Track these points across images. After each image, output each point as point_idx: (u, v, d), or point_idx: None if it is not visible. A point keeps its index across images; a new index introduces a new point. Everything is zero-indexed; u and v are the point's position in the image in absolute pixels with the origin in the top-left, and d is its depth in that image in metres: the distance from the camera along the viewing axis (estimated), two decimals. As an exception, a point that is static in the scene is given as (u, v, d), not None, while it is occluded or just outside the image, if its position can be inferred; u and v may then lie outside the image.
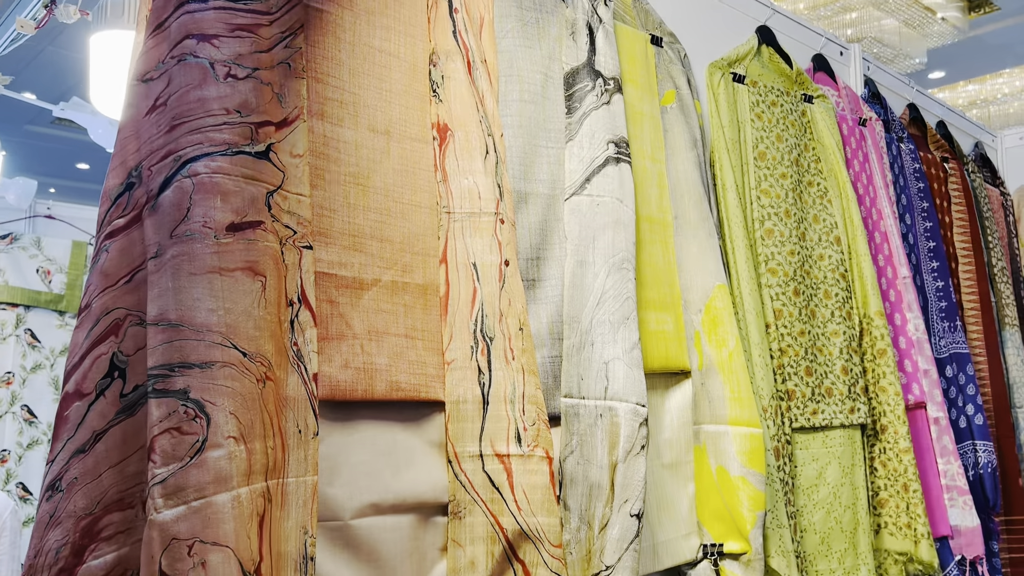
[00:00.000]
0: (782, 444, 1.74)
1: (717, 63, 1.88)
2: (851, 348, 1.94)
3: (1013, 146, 2.98)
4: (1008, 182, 2.88)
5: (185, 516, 0.83)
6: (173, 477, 0.85)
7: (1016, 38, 7.09)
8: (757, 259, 1.85)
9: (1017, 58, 7.54)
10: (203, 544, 0.84)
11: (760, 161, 1.90)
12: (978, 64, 7.63)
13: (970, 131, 2.84)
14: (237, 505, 0.90)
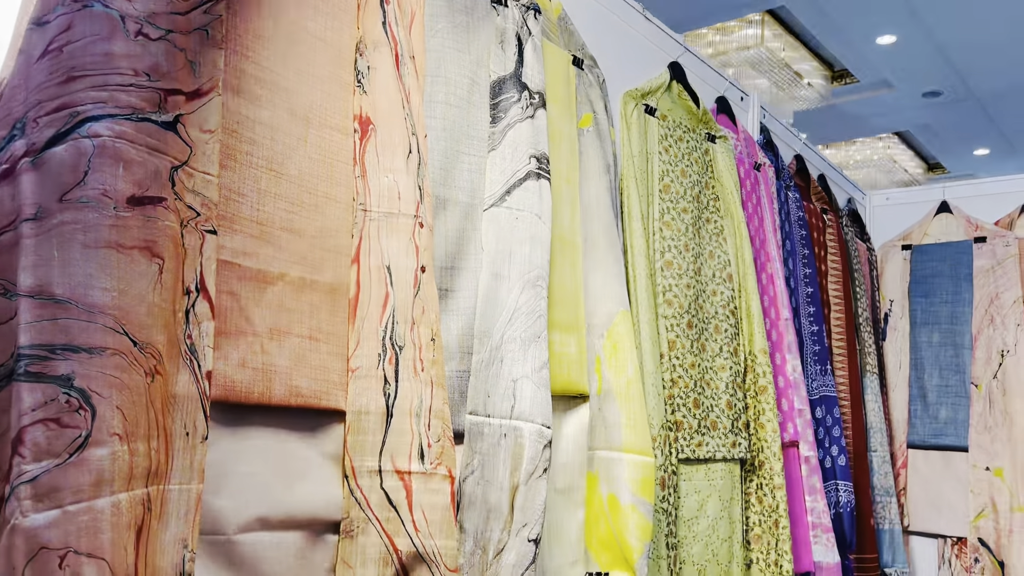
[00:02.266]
0: (668, 475, 1.75)
1: (632, 93, 1.90)
2: (736, 383, 1.98)
3: (879, 205, 3.19)
4: (874, 239, 3.08)
5: (58, 522, 0.71)
6: (47, 475, 0.73)
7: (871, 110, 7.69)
8: (656, 289, 1.86)
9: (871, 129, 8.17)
10: (77, 555, 0.72)
11: (665, 193, 1.92)
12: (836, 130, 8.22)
13: (845, 187, 3.02)
14: (116, 513, 0.79)
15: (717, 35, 6.71)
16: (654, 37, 2.05)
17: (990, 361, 2.70)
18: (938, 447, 2.77)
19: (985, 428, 2.67)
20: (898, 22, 6.10)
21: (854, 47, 6.56)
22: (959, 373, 2.77)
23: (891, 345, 2.94)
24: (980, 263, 2.79)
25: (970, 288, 2.80)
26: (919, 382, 2.84)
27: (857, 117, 7.84)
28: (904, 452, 2.83)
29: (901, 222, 3.06)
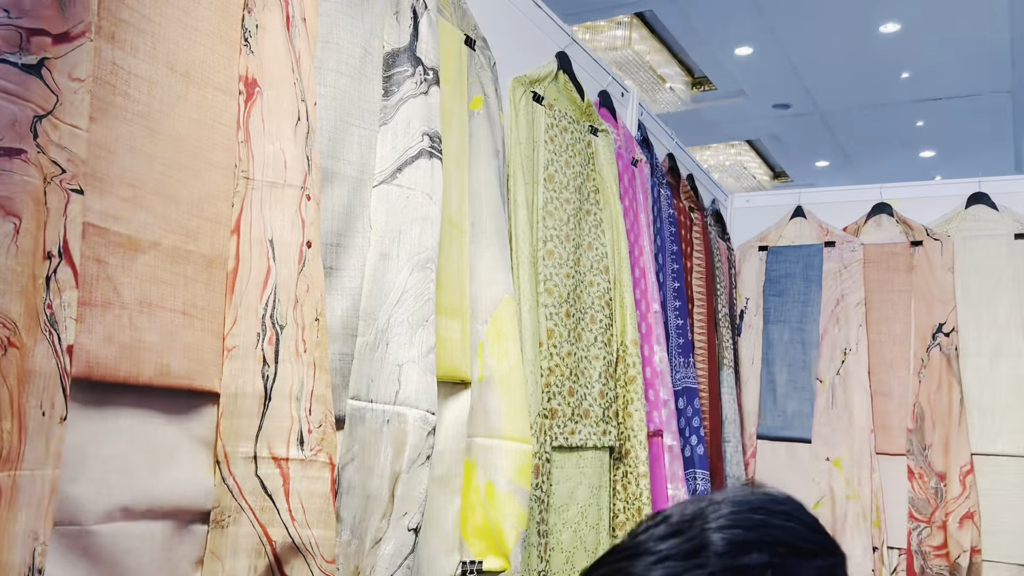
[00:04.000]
0: (542, 462, 1.76)
1: (521, 79, 1.88)
2: (608, 373, 2.02)
3: (740, 207, 3.35)
4: (733, 239, 3.23)
5: None
6: None
7: (726, 117, 8.08)
8: (537, 277, 1.86)
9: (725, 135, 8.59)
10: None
11: (549, 183, 1.92)
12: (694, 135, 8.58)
13: (711, 188, 3.15)
14: (-40, 504, 0.69)
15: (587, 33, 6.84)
16: (543, 25, 2.05)
17: (834, 358, 2.90)
18: (784, 438, 2.94)
19: (827, 421, 2.86)
20: (755, 36, 6.43)
21: (714, 56, 6.87)
22: (806, 369, 2.95)
23: (745, 341, 3.09)
24: (828, 266, 2.98)
25: (819, 289, 2.99)
26: (770, 377, 3.01)
27: (713, 123, 8.23)
28: (754, 443, 2.99)
29: (759, 224, 3.23)
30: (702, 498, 0.72)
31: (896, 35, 6.20)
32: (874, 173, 8.84)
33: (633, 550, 0.68)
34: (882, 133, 7.96)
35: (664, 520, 0.70)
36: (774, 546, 0.66)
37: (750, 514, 0.68)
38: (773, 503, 0.71)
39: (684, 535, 0.67)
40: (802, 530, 0.70)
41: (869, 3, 5.77)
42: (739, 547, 0.65)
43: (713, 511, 0.68)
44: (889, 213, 2.97)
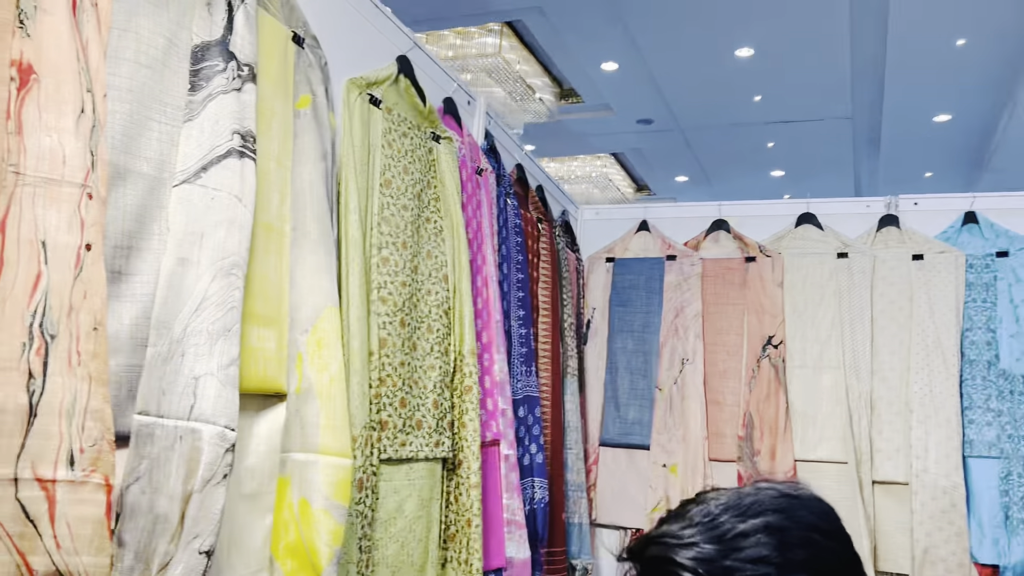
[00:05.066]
0: (367, 476, 1.71)
1: (356, 81, 1.83)
2: (444, 383, 1.99)
3: (589, 219, 3.41)
4: (582, 249, 3.28)
5: None
6: None
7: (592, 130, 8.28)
8: (370, 285, 1.81)
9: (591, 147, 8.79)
10: None
11: (385, 188, 1.88)
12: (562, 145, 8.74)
13: (560, 200, 3.18)
14: None
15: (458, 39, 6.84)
16: (384, 28, 2.00)
17: (672, 368, 2.99)
18: (625, 445, 3.01)
19: (665, 428, 2.94)
20: (620, 52, 6.61)
21: (581, 69, 7.02)
22: (647, 378, 3.03)
23: (591, 350, 3.15)
24: (670, 279, 3.08)
25: (660, 301, 3.07)
26: (613, 385, 3.07)
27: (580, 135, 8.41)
28: (596, 450, 3.04)
29: (608, 236, 3.30)
30: (758, 500, 0.79)
31: (750, 59, 6.53)
32: (729, 189, 9.28)
33: (678, 540, 0.76)
34: (736, 152, 8.36)
35: (718, 514, 0.77)
36: (817, 567, 0.75)
37: (806, 532, 0.76)
38: (824, 522, 0.79)
39: (745, 538, 0.75)
40: (843, 552, 0.79)
41: (726, 27, 6.05)
42: (793, 566, 0.73)
43: (774, 521, 0.76)
44: (726, 230, 3.10)
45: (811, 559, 0.75)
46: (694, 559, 0.74)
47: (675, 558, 0.74)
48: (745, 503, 0.78)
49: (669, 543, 0.76)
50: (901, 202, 2.95)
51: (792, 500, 0.79)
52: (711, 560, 0.73)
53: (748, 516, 0.76)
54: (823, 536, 0.78)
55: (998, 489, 2.58)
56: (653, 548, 0.77)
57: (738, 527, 0.75)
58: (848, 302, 2.82)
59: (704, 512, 0.78)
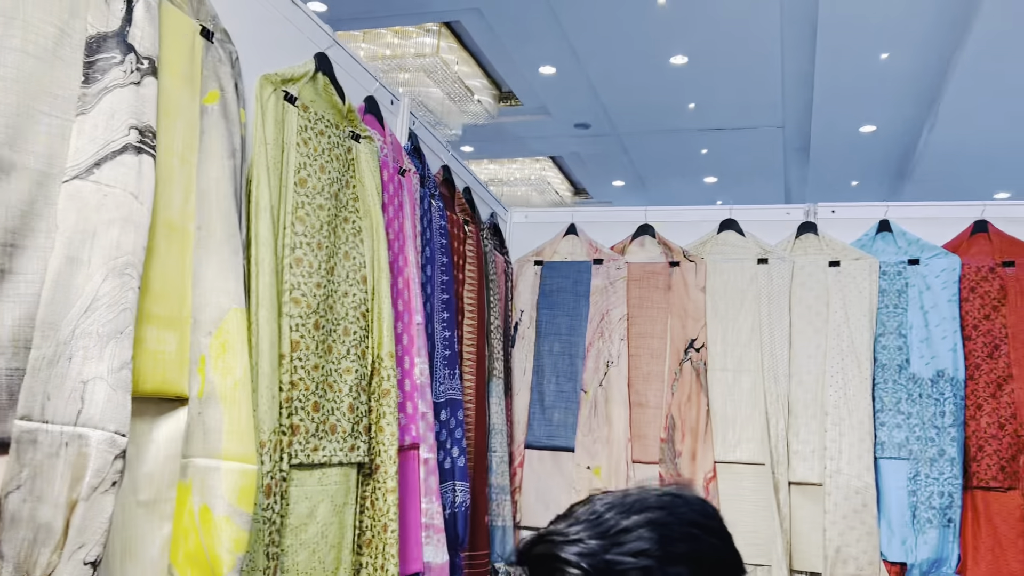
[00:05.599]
0: (276, 481, 1.67)
1: (270, 77, 1.79)
2: (360, 387, 1.96)
3: (519, 222, 3.41)
4: (512, 252, 3.28)
5: None
6: None
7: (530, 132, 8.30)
8: (282, 286, 1.77)
9: (530, 150, 8.82)
10: None
11: (300, 187, 1.84)
12: (501, 147, 8.75)
13: (489, 202, 3.18)
14: None
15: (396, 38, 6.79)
16: (302, 24, 1.96)
17: (598, 370, 3.01)
18: (550, 447, 3.02)
19: (589, 431, 2.96)
20: (558, 56, 6.64)
21: (519, 72, 7.03)
22: (572, 380, 3.05)
23: (519, 352, 3.15)
24: (596, 282, 3.10)
25: (587, 304, 3.09)
26: (539, 387, 3.08)
27: (519, 138, 8.43)
28: (522, 452, 3.05)
29: (537, 239, 3.30)
30: (642, 498, 0.82)
31: (684, 67, 6.63)
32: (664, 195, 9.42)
33: (564, 536, 0.78)
34: (671, 158, 8.49)
35: (603, 512, 0.80)
36: (697, 561, 0.78)
37: (686, 527, 0.79)
38: (704, 519, 0.82)
39: (628, 533, 0.77)
40: (720, 547, 0.82)
41: (661, 35, 6.13)
42: (674, 558, 0.76)
43: (656, 517, 0.79)
44: (652, 234, 3.14)
45: (691, 553, 0.78)
46: (578, 554, 0.76)
47: (560, 554, 0.76)
48: (629, 502, 0.81)
49: (555, 540, 0.78)
50: (819, 210, 3.03)
51: (675, 498, 0.82)
52: (594, 554, 0.75)
53: (631, 513, 0.79)
54: (704, 532, 0.80)
55: (906, 489, 2.67)
56: (540, 547, 0.79)
57: (621, 523, 0.78)
58: (767, 307, 2.88)
59: (590, 511, 0.80)
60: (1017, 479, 2.61)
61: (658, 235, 3.13)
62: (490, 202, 3.19)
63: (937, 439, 2.64)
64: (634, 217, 3.23)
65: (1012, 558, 2.58)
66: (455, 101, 7.03)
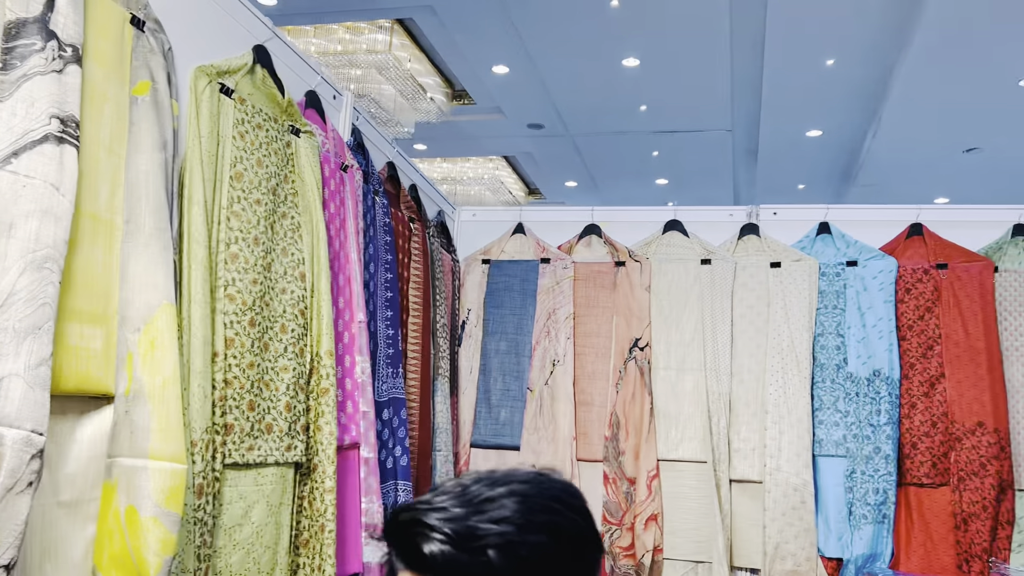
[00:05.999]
0: (208, 481, 1.64)
1: (205, 68, 1.75)
2: (298, 385, 1.93)
3: (467, 220, 3.40)
4: (460, 251, 3.27)
5: None
6: None
7: (484, 132, 8.30)
8: (216, 282, 1.74)
9: (483, 150, 8.82)
10: None
11: (236, 182, 1.81)
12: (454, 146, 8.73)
13: (436, 200, 3.16)
14: None
15: (348, 34, 6.72)
16: (241, 16, 1.93)
17: (544, 369, 3.02)
18: (496, 446, 3.02)
19: (535, 429, 2.96)
20: (511, 55, 6.65)
21: (472, 71, 7.02)
22: (519, 379, 3.05)
23: (465, 351, 3.14)
24: (543, 281, 3.10)
25: (534, 303, 3.10)
26: (485, 386, 3.07)
27: (472, 137, 8.41)
28: (467, 451, 3.04)
29: (485, 237, 3.30)
30: (510, 475, 0.85)
31: (636, 69, 6.69)
32: (616, 196, 9.49)
33: (429, 504, 0.80)
34: (623, 159, 8.56)
35: (470, 484, 0.82)
36: (556, 531, 0.80)
37: (548, 501, 0.82)
38: (567, 496, 0.85)
39: (492, 503, 0.80)
40: (580, 522, 0.84)
41: (613, 37, 6.17)
42: (534, 527, 0.78)
43: (519, 489, 0.81)
44: (598, 234, 3.15)
45: (551, 524, 0.80)
46: (442, 519, 0.78)
47: (423, 519, 0.78)
48: (496, 476, 0.84)
49: (420, 508, 0.80)
50: (762, 212, 3.07)
51: (541, 476, 0.86)
52: (457, 519, 0.78)
53: (497, 485, 0.82)
54: (566, 508, 0.83)
55: (843, 486, 2.72)
56: (404, 514, 0.81)
57: (486, 493, 0.81)
58: (710, 307, 2.91)
59: (457, 483, 0.84)
60: (948, 476, 2.68)
61: (604, 235, 3.15)
62: (437, 200, 3.17)
63: (873, 437, 2.70)
64: (581, 217, 3.24)
65: (943, 552, 2.65)
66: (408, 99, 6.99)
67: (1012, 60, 5.73)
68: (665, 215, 3.15)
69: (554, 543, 0.80)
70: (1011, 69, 5.88)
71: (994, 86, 6.13)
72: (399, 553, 0.80)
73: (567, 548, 0.81)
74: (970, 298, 2.74)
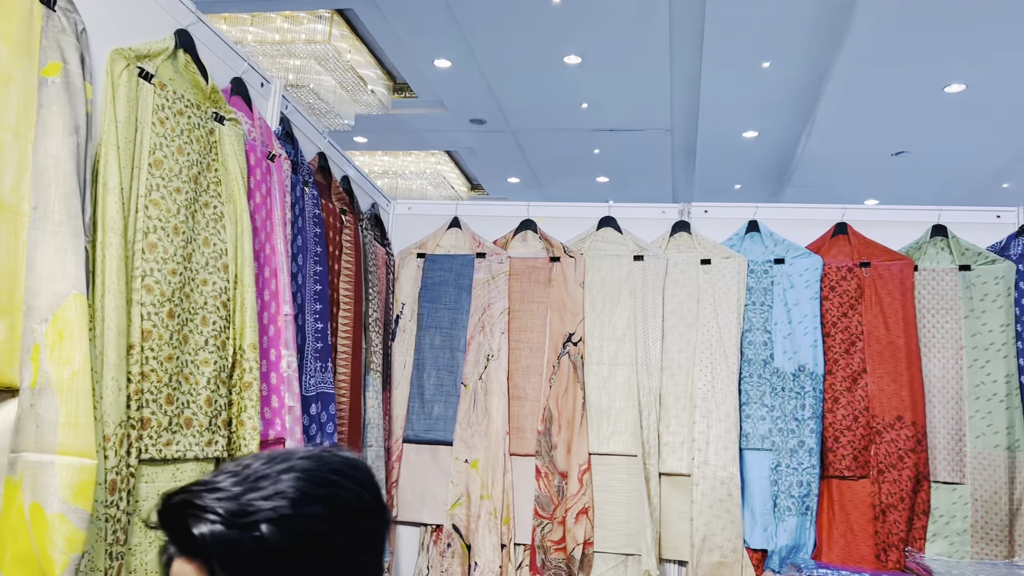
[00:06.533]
0: (123, 477, 1.59)
1: (123, 51, 1.70)
2: (220, 379, 1.89)
3: (402, 214, 3.37)
4: (394, 244, 3.24)
5: None
6: None
7: (426, 126, 8.25)
8: (132, 272, 1.68)
9: (426, 144, 8.76)
10: None
11: (155, 169, 1.75)
12: (396, 139, 8.66)
13: (370, 192, 3.12)
14: None
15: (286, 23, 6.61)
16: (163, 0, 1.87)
17: (478, 363, 3.01)
18: (429, 441, 3.00)
19: (468, 424, 2.96)
20: (453, 49, 6.62)
21: (414, 64, 6.97)
22: (453, 373, 3.03)
23: (399, 345, 3.11)
24: (478, 276, 3.09)
25: (469, 297, 3.09)
26: (419, 381, 3.05)
27: (414, 131, 8.35)
28: (400, 447, 3.01)
29: (420, 231, 3.27)
30: (293, 452, 0.83)
31: (578, 67, 6.72)
32: (558, 193, 9.53)
33: (204, 485, 0.78)
34: (565, 156, 8.60)
35: (251, 463, 0.80)
36: (335, 503, 0.79)
37: (327, 474, 0.81)
38: (349, 468, 0.84)
39: (267, 479, 0.78)
40: (363, 494, 0.83)
41: (556, 34, 6.19)
42: (310, 499, 0.77)
43: (299, 464, 0.80)
44: (534, 230, 3.16)
45: (330, 496, 0.80)
46: (216, 498, 0.76)
47: (196, 501, 0.76)
48: (277, 455, 0.83)
49: (193, 490, 0.79)
50: (693, 209, 3.12)
51: (325, 452, 0.85)
52: (231, 498, 0.76)
53: (276, 463, 0.80)
54: (347, 480, 0.83)
55: (769, 479, 2.78)
56: (177, 497, 0.79)
57: (263, 471, 0.80)
58: (642, 302, 2.94)
59: (237, 463, 0.82)
60: (868, 468, 2.76)
61: (540, 230, 3.16)
62: (371, 192, 3.13)
63: (797, 431, 2.76)
64: (517, 212, 3.24)
65: (862, 543, 2.73)
66: (348, 91, 6.90)
67: (938, 67, 5.93)
68: (599, 211, 3.17)
69: (332, 514, 0.79)
70: (937, 76, 6.08)
71: (921, 92, 6.34)
72: (171, 538, 0.77)
73: (346, 519, 0.80)
74: (891, 296, 2.83)
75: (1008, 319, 2.74)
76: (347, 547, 0.80)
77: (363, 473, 0.85)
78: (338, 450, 0.86)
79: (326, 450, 0.84)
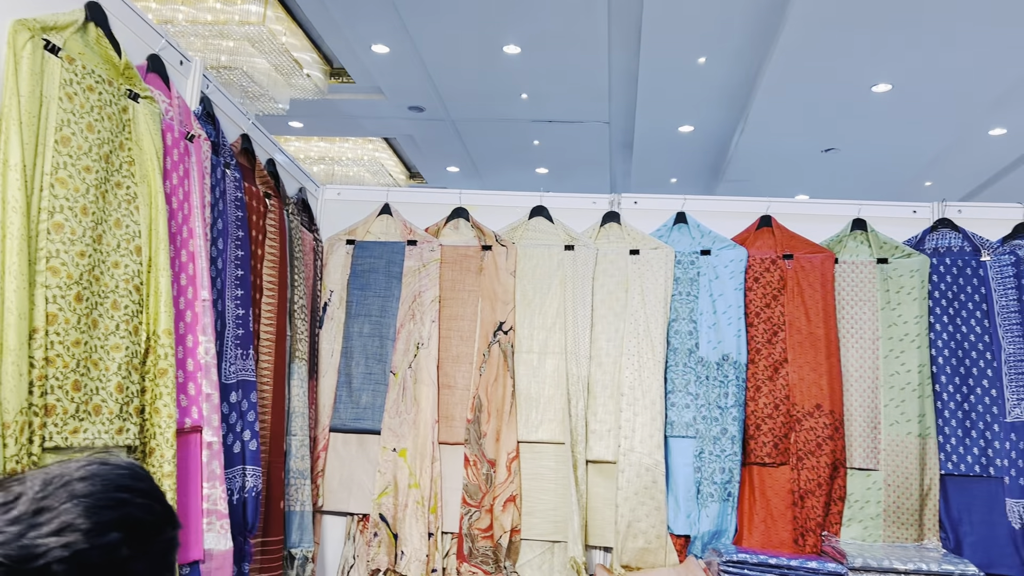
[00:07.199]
0: (25, 466, 1.53)
1: (27, 22, 1.62)
2: (132, 365, 1.83)
3: (331, 199, 3.32)
4: (323, 230, 3.19)
5: None
6: None
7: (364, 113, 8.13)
8: (36, 254, 1.62)
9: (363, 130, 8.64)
10: None
11: (62, 146, 1.68)
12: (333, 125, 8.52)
13: (297, 176, 3.06)
14: None
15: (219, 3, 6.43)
16: (72, -32, 1.79)
17: (408, 352, 2.98)
18: (356, 430, 2.96)
19: (397, 413, 2.93)
20: (391, 35, 6.53)
21: (351, 49, 6.86)
22: (382, 362, 3.00)
23: (327, 333, 3.07)
24: (409, 263, 3.07)
25: (399, 285, 3.06)
26: (347, 369, 3.01)
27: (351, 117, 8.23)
28: (326, 436, 2.97)
29: (350, 217, 3.23)
30: (65, 471, 0.77)
31: (517, 57, 6.71)
32: (498, 183, 9.52)
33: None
34: (505, 147, 8.59)
35: (21, 492, 0.73)
36: (129, 524, 0.75)
37: (114, 493, 0.76)
38: (133, 480, 0.79)
39: (48, 511, 0.71)
40: (153, 505, 0.79)
41: (495, 23, 6.16)
42: (103, 527, 0.72)
43: (80, 489, 0.74)
44: (466, 218, 3.14)
45: (122, 517, 0.75)
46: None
47: None
48: (49, 478, 0.75)
49: None
50: (623, 200, 3.14)
51: (100, 467, 0.79)
52: (9, 542, 0.69)
53: (51, 489, 0.73)
54: (134, 494, 0.78)
55: (692, 466, 2.83)
56: None
57: (40, 503, 0.72)
58: (572, 292, 2.96)
59: (3, 496, 0.73)
60: (788, 455, 2.83)
61: (472, 219, 3.14)
62: (299, 177, 3.07)
63: (720, 419, 2.82)
64: (450, 200, 3.22)
65: (781, 528, 2.80)
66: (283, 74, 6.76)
67: (867, 67, 6.10)
68: (532, 200, 3.17)
69: (129, 537, 0.74)
70: (866, 75, 6.25)
71: (850, 90, 6.51)
72: None
73: (143, 537, 0.75)
74: (812, 287, 2.90)
75: (922, 311, 2.84)
76: (144, 569, 0.75)
77: (146, 481, 0.80)
78: (110, 459, 0.79)
79: (101, 463, 0.78)
